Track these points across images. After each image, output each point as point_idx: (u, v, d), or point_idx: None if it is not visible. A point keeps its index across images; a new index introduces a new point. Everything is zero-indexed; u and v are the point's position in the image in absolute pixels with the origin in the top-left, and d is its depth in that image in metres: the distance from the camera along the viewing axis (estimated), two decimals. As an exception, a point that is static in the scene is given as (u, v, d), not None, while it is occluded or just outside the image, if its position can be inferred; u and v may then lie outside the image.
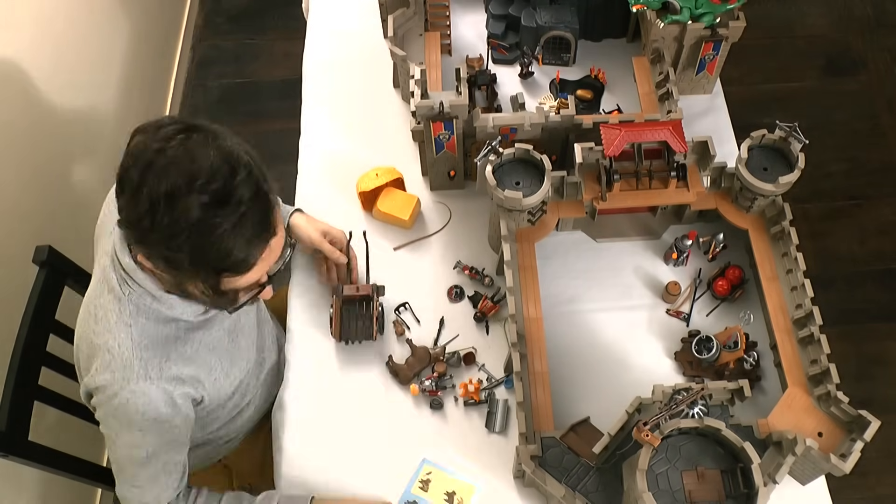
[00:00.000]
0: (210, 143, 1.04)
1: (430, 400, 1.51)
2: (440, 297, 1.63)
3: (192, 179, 1.01)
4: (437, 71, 1.76)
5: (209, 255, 1.06)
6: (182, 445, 1.32)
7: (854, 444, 1.26)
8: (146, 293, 1.19)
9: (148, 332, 1.21)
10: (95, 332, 1.21)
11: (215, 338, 1.32)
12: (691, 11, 1.68)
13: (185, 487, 1.37)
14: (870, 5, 3.28)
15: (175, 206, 1.01)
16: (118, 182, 1.05)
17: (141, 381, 1.19)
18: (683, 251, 1.60)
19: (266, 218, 1.10)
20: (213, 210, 1.02)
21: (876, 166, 2.90)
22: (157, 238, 1.04)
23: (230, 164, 1.04)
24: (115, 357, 1.19)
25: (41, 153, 2.05)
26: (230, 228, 1.04)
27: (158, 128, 1.05)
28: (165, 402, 1.23)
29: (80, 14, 2.31)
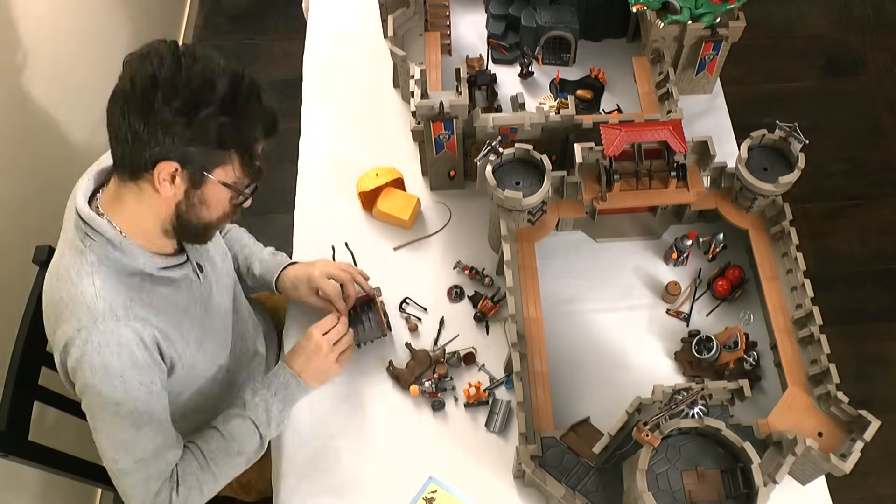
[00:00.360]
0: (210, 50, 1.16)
1: (431, 401, 1.51)
2: (440, 297, 1.63)
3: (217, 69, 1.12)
4: (437, 71, 1.76)
5: (238, 122, 1.15)
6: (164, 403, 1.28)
7: (854, 444, 1.26)
8: (107, 242, 1.19)
9: (110, 279, 1.20)
10: (56, 288, 1.20)
11: (184, 300, 1.30)
12: (691, 11, 1.68)
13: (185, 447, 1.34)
14: (870, 5, 3.28)
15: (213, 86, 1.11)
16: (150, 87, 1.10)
17: (109, 321, 1.17)
18: (683, 251, 1.60)
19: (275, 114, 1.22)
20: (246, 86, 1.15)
21: (876, 166, 2.90)
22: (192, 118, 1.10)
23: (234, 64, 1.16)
24: (77, 304, 1.17)
25: (41, 153, 2.05)
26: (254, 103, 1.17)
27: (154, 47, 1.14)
28: (137, 343, 1.20)
29: (81, 14, 2.31)
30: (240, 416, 1.37)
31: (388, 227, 1.73)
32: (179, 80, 1.09)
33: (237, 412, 1.38)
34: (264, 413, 1.38)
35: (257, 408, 1.38)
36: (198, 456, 1.33)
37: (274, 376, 1.42)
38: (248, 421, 1.36)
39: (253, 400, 1.38)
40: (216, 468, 1.33)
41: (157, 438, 1.26)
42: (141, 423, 1.23)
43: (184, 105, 1.08)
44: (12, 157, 1.90)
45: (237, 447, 1.35)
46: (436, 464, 1.46)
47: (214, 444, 1.34)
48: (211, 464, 1.33)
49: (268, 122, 1.20)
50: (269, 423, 1.38)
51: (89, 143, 2.28)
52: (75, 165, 2.20)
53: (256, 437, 1.37)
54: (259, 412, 1.38)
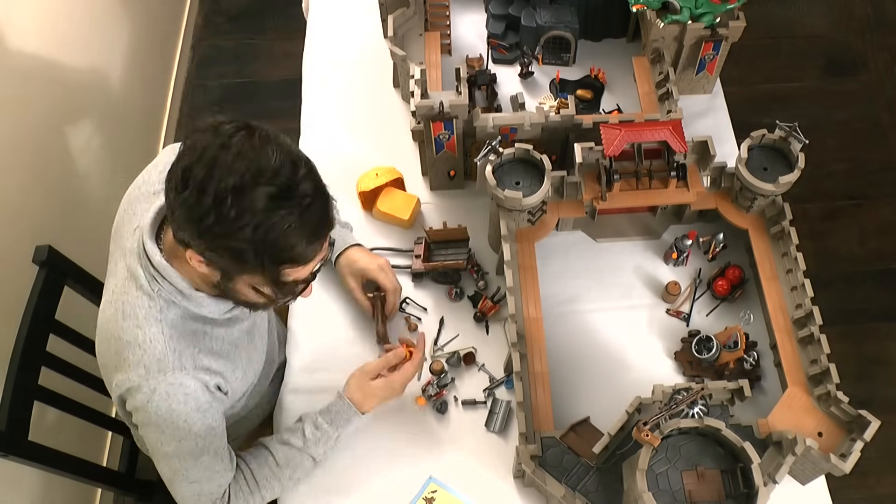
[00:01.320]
0: (271, 141, 1.07)
1: (436, 404, 1.50)
2: (440, 297, 1.63)
3: (259, 173, 1.03)
4: (437, 71, 1.76)
5: (274, 247, 1.08)
6: (224, 431, 1.31)
7: (854, 444, 1.26)
8: (176, 290, 1.19)
9: (177, 326, 1.21)
10: (124, 329, 1.20)
11: (236, 336, 1.33)
12: (691, 11, 1.68)
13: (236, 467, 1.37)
14: (870, 5, 3.28)
15: (244, 198, 1.03)
16: (180, 180, 1.05)
17: (177, 373, 1.19)
18: (683, 251, 1.60)
19: (326, 212, 1.13)
20: (278, 202, 1.04)
21: (876, 166, 2.90)
22: (222, 231, 1.05)
23: (292, 159, 1.07)
24: (146, 351, 1.18)
25: (41, 153, 2.05)
26: (296, 220, 1.07)
27: (217, 126, 1.07)
28: (202, 389, 1.23)
29: (81, 14, 2.31)
30: (297, 450, 1.37)
31: (388, 226, 1.73)
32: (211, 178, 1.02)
33: (296, 445, 1.37)
34: (323, 446, 1.39)
35: (318, 444, 1.38)
36: (249, 480, 1.35)
37: (339, 411, 1.40)
38: (306, 455, 1.37)
39: (314, 435, 1.38)
40: (265, 491, 1.37)
41: (215, 465, 1.29)
42: (199, 455, 1.26)
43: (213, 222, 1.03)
44: (12, 157, 1.90)
45: (289, 474, 1.38)
46: (436, 464, 1.46)
47: (267, 471, 1.36)
48: (262, 488, 1.36)
49: (309, 247, 1.12)
50: (325, 453, 1.40)
51: (89, 143, 2.29)
52: (75, 166, 2.21)
53: (311, 465, 1.39)
54: (319, 447, 1.38)
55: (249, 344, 1.38)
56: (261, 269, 1.11)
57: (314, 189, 1.09)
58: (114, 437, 2.26)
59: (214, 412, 1.27)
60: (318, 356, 1.58)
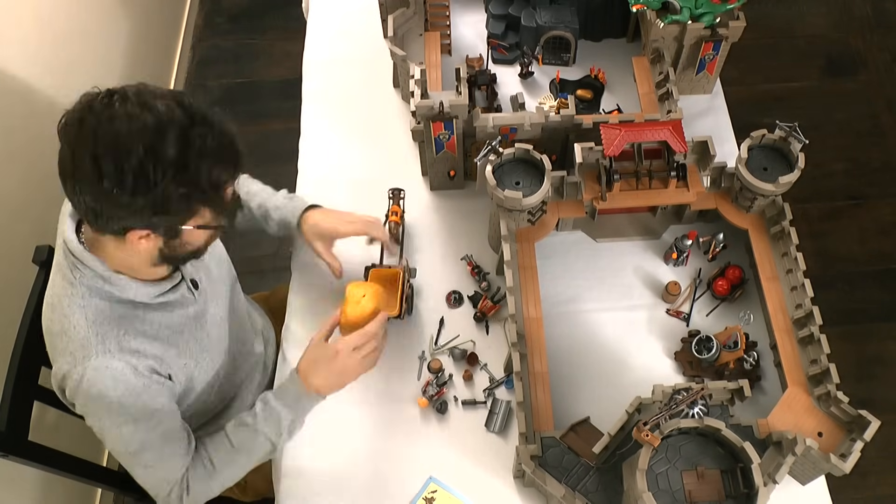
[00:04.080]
0: (145, 93, 1.07)
1: (436, 403, 1.50)
2: (440, 297, 1.63)
3: (157, 128, 1.04)
4: (437, 71, 1.76)
5: (210, 172, 1.09)
6: (172, 413, 1.29)
7: (854, 444, 1.26)
8: (96, 275, 1.19)
9: (102, 310, 1.20)
10: (52, 320, 1.21)
11: (177, 321, 1.30)
12: (691, 11, 1.68)
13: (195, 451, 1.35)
14: (870, 5, 3.28)
15: (158, 156, 1.03)
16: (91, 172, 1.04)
17: (101, 356, 1.18)
18: (683, 251, 1.60)
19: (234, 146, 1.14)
20: (186, 138, 1.06)
21: (876, 166, 2.90)
22: (158, 194, 1.05)
23: (174, 99, 1.08)
24: (71, 339, 1.18)
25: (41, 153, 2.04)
26: (211, 142, 1.08)
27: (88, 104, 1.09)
28: (133, 372, 1.21)
29: (81, 14, 2.31)
30: (250, 429, 1.33)
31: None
32: (121, 155, 1.03)
33: (248, 423, 1.34)
34: (275, 425, 1.34)
35: (268, 421, 1.33)
36: (206, 464, 1.33)
37: (285, 390, 1.36)
38: (259, 433, 1.34)
39: (263, 413, 1.34)
40: (223, 475, 1.35)
41: (164, 448, 1.28)
42: (146, 438, 1.25)
43: (135, 183, 1.03)
44: (12, 158, 1.90)
45: (246, 456, 1.35)
46: (436, 464, 1.46)
47: (223, 453, 1.34)
48: (218, 472, 1.34)
49: (230, 163, 1.13)
50: (280, 434, 1.35)
51: (89, 143, 2.28)
52: (75, 165, 2.21)
53: (267, 445, 1.35)
54: (270, 426, 1.33)
55: (199, 331, 1.36)
56: (206, 200, 1.13)
57: (205, 114, 1.10)
58: (114, 437, 2.26)
59: (153, 394, 1.24)
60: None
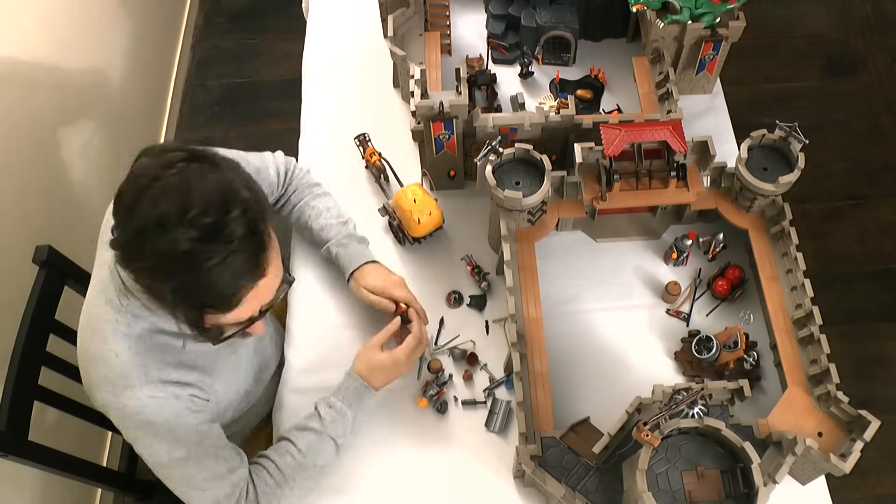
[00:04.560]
0: (208, 174, 1.02)
1: (436, 403, 1.50)
2: (439, 298, 1.63)
3: (184, 210, 0.98)
4: (437, 71, 1.76)
5: (193, 290, 1.03)
6: (217, 432, 1.30)
7: (854, 444, 1.26)
8: (142, 306, 1.19)
9: (144, 340, 1.20)
10: (93, 343, 1.21)
11: (214, 349, 1.30)
12: (691, 11, 1.68)
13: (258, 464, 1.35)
14: (870, 5, 3.28)
15: (164, 235, 0.98)
16: (115, 201, 1.04)
17: (144, 387, 1.19)
18: (683, 251, 1.60)
19: (256, 258, 1.06)
20: (201, 244, 0.99)
21: (876, 166, 2.90)
22: (143, 266, 1.03)
23: (225, 197, 1.01)
24: (112, 367, 1.19)
25: (41, 153, 2.05)
26: (217, 264, 1.01)
27: (163, 152, 1.03)
28: (175, 398, 1.22)
29: (81, 14, 2.31)
30: (316, 433, 1.36)
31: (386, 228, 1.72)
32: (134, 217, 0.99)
33: (314, 428, 1.36)
34: (341, 426, 1.38)
35: (335, 423, 1.37)
36: (274, 473, 1.34)
37: (348, 388, 1.40)
38: (326, 437, 1.36)
39: (330, 415, 1.37)
40: (293, 482, 1.35)
41: (217, 467, 1.27)
42: (197, 460, 1.25)
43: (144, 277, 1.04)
44: (13, 158, 1.90)
45: (313, 460, 1.36)
46: (436, 463, 1.46)
47: (290, 460, 1.35)
48: (289, 479, 1.34)
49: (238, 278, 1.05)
50: (345, 434, 1.39)
51: (90, 143, 2.29)
52: (76, 166, 2.21)
53: (333, 448, 1.38)
54: (337, 427, 1.37)
55: (233, 356, 1.37)
56: (181, 309, 1.08)
57: (245, 232, 1.02)
58: (114, 437, 2.26)
59: (197, 416, 1.25)
60: (318, 356, 1.58)
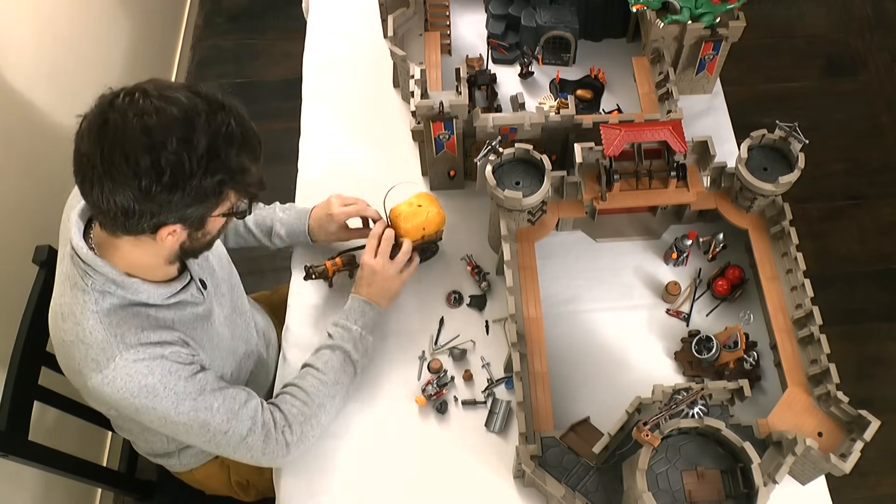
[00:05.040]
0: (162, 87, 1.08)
1: (436, 403, 1.50)
2: (439, 298, 1.63)
3: (186, 119, 1.06)
4: (437, 71, 1.76)
5: (238, 158, 1.11)
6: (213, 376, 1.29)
7: (854, 444, 1.26)
8: (108, 280, 1.18)
9: (115, 312, 1.19)
10: (64, 331, 1.19)
11: (189, 318, 1.30)
12: (691, 11, 1.68)
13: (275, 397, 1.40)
14: (870, 5, 3.29)
15: (190, 147, 1.05)
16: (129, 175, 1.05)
17: (125, 353, 1.17)
18: (683, 251, 1.60)
19: (242, 113, 1.16)
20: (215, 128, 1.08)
21: (876, 166, 2.90)
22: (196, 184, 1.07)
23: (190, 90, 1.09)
24: (90, 345, 1.17)
25: (41, 153, 2.05)
26: (234, 129, 1.10)
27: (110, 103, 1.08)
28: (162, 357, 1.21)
29: (81, 14, 2.31)
30: (328, 348, 1.43)
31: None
32: (157, 150, 1.03)
33: (325, 345, 1.44)
34: (350, 340, 1.44)
35: (342, 338, 1.44)
36: (298, 394, 1.37)
37: (348, 308, 1.48)
38: (337, 350, 1.43)
39: (336, 331, 1.45)
40: (319, 399, 1.38)
41: (227, 404, 1.27)
42: (207, 406, 1.25)
43: (172, 177, 1.05)
44: (12, 158, 1.90)
45: (333, 376, 1.40)
46: (435, 464, 1.46)
47: (311, 379, 1.39)
48: (314, 396, 1.38)
49: (254, 145, 1.16)
50: (355, 348, 1.44)
51: (89, 143, 2.28)
52: (75, 165, 2.21)
53: (348, 363, 1.43)
54: (345, 340, 1.44)
55: (210, 328, 1.36)
56: (235, 186, 1.14)
57: (221, 100, 1.12)
58: (114, 437, 2.26)
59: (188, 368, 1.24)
60: (318, 356, 1.58)
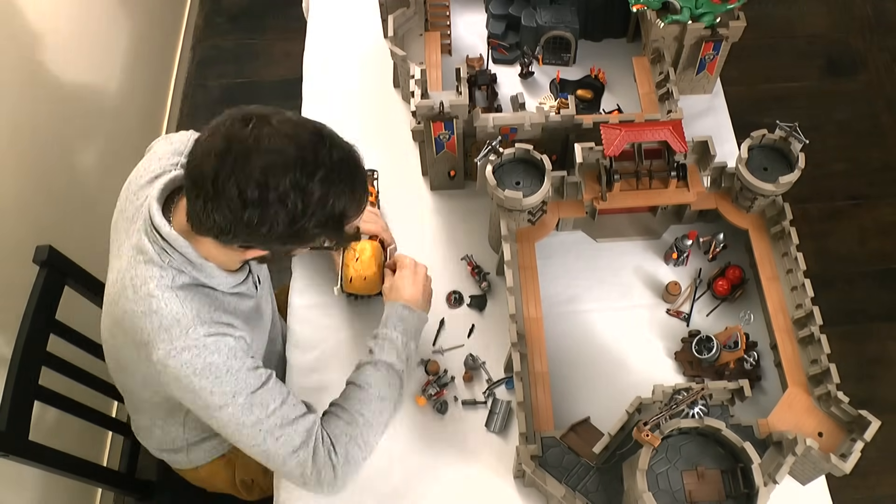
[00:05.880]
0: (282, 121, 1.11)
1: (436, 403, 1.50)
2: (440, 298, 1.63)
3: (302, 162, 1.07)
4: (437, 71, 1.76)
5: (341, 216, 1.14)
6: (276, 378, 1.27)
7: (854, 444, 1.26)
8: (186, 261, 1.19)
9: (189, 290, 1.21)
10: (136, 301, 1.18)
11: (246, 309, 1.33)
12: (691, 11, 1.68)
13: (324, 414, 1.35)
14: (870, 5, 3.28)
15: (302, 192, 1.07)
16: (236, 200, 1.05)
17: (199, 327, 1.18)
18: (683, 251, 1.60)
19: (359, 163, 1.17)
20: (330, 181, 1.09)
21: (876, 166, 2.90)
22: (295, 228, 1.09)
23: (312, 131, 1.11)
24: (164, 316, 1.17)
25: (42, 153, 2.05)
26: (346, 187, 1.12)
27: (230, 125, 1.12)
28: (232, 336, 1.21)
29: (81, 14, 2.31)
30: (370, 364, 1.36)
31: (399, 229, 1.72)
32: (269, 189, 1.05)
33: (366, 361, 1.37)
34: (392, 351, 1.37)
35: (383, 350, 1.37)
36: (341, 414, 1.30)
37: (388, 316, 1.41)
38: (380, 365, 1.35)
39: (377, 344, 1.38)
40: (363, 418, 1.30)
41: (285, 410, 1.23)
42: (263, 403, 1.21)
43: (276, 218, 1.07)
44: (13, 157, 1.90)
45: (377, 392, 1.32)
46: (435, 463, 1.46)
47: (354, 397, 1.32)
48: (357, 415, 1.30)
49: (361, 200, 1.18)
50: (399, 358, 1.37)
51: (90, 143, 2.29)
52: (76, 165, 2.21)
53: (394, 376, 1.35)
54: (386, 353, 1.36)
55: (261, 322, 1.40)
56: (331, 237, 1.19)
57: (344, 151, 1.13)
58: (114, 437, 2.26)
59: (251, 360, 1.23)
60: (318, 356, 1.58)
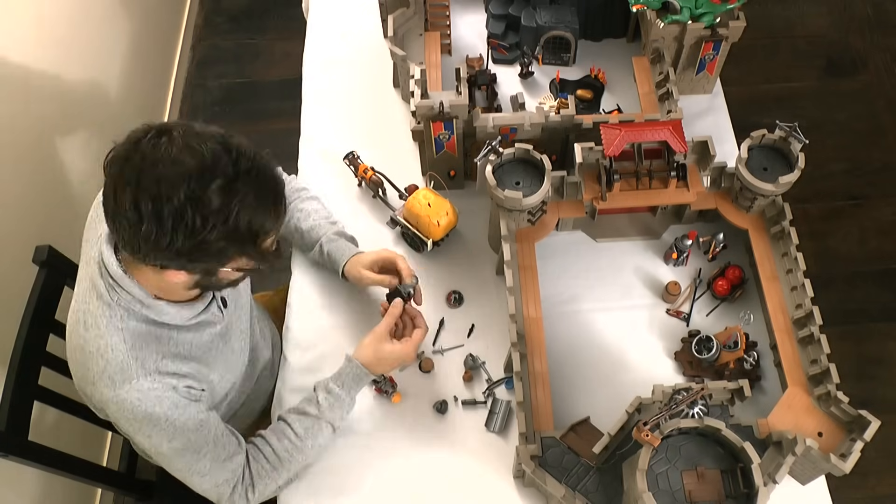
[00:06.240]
0: (189, 133, 1.07)
1: (437, 403, 1.50)
2: (439, 299, 1.63)
3: (201, 174, 1.04)
4: (437, 71, 1.76)
5: (248, 229, 1.10)
6: (215, 419, 1.31)
7: (854, 444, 1.26)
8: (134, 300, 1.20)
9: (139, 332, 1.21)
10: (86, 339, 1.21)
11: (207, 340, 1.32)
12: (691, 11, 1.68)
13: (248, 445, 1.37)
14: (870, 5, 3.28)
15: (200, 204, 1.04)
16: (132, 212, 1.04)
17: (142, 379, 1.20)
18: (683, 251, 1.60)
19: (273, 175, 1.14)
20: (230, 191, 1.06)
21: (876, 166, 2.90)
22: (194, 243, 1.06)
23: (220, 144, 1.07)
24: (109, 361, 1.19)
25: (41, 153, 2.05)
26: (252, 198, 1.08)
27: (136, 141, 1.08)
28: (174, 389, 1.23)
29: (81, 14, 2.31)
30: (314, 418, 1.38)
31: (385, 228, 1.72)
32: (162, 201, 1.03)
33: (312, 413, 1.38)
34: (340, 411, 1.40)
35: (333, 408, 1.39)
36: (271, 458, 1.36)
37: (346, 374, 1.41)
38: (323, 422, 1.38)
39: (328, 400, 1.39)
40: (289, 464, 1.37)
41: (218, 453, 1.29)
42: (198, 448, 1.27)
43: (174, 230, 1.04)
44: (13, 157, 1.90)
45: (311, 443, 1.38)
46: (436, 464, 1.46)
47: (287, 444, 1.37)
48: (284, 462, 1.37)
49: (274, 214, 1.15)
50: (342, 417, 1.41)
51: (90, 143, 2.29)
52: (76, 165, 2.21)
53: (329, 430, 1.40)
54: (335, 412, 1.39)
55: (225, 347, 1.38)
56: (242, 253, 1.14)
57: (251, 161, 1.09)
58: (114, 437, 2.26)
59: (195, 406, 1.26)
60: (318, 356, 1.58)
